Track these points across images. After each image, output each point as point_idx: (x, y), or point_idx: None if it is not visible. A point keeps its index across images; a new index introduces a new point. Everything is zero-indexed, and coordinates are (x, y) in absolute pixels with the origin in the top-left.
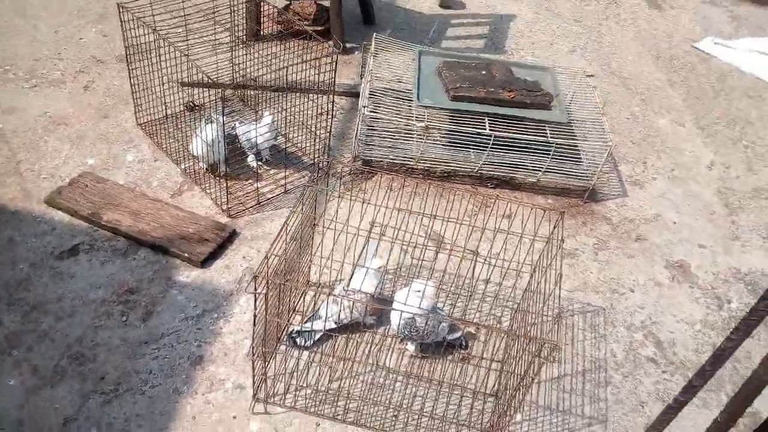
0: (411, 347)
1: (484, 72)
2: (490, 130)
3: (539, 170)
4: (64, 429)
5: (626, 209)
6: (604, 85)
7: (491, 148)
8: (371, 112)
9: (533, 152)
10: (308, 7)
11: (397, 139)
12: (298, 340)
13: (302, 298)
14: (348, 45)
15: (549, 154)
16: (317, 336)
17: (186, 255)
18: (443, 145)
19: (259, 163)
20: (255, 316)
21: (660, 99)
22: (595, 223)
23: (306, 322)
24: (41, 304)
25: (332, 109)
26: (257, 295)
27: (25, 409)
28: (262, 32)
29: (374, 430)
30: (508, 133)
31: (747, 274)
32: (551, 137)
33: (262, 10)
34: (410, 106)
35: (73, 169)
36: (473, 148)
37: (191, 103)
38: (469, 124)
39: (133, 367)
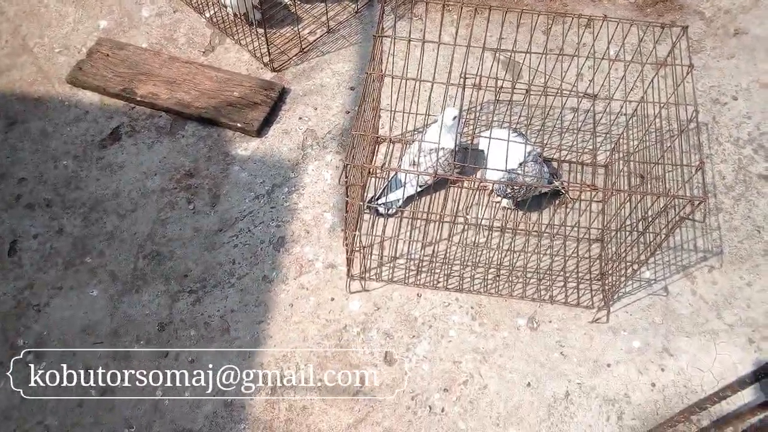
0: (505, 200)
1: None
2: None
3: None
4: (162, 334)
5: None
6: None
7: None
8: None
9: None
10: None
11: None
12: (380, 209)
13: (374, 154)
14: None
15: None
16: (401, 202)
17: (239, 125)
18: None
19: None
20: (347, 203)
21: None
22: (686, 19)
23: (387, 190)
24: (98, 202)
25: None
26: (348, 185)
27: (115, 318)
28: None
29: (479, 294)
30: None
31: None
32: None
33: None
34: None
35: (86, 36)
36: None
37: None
38: None
39: (215, 259)
